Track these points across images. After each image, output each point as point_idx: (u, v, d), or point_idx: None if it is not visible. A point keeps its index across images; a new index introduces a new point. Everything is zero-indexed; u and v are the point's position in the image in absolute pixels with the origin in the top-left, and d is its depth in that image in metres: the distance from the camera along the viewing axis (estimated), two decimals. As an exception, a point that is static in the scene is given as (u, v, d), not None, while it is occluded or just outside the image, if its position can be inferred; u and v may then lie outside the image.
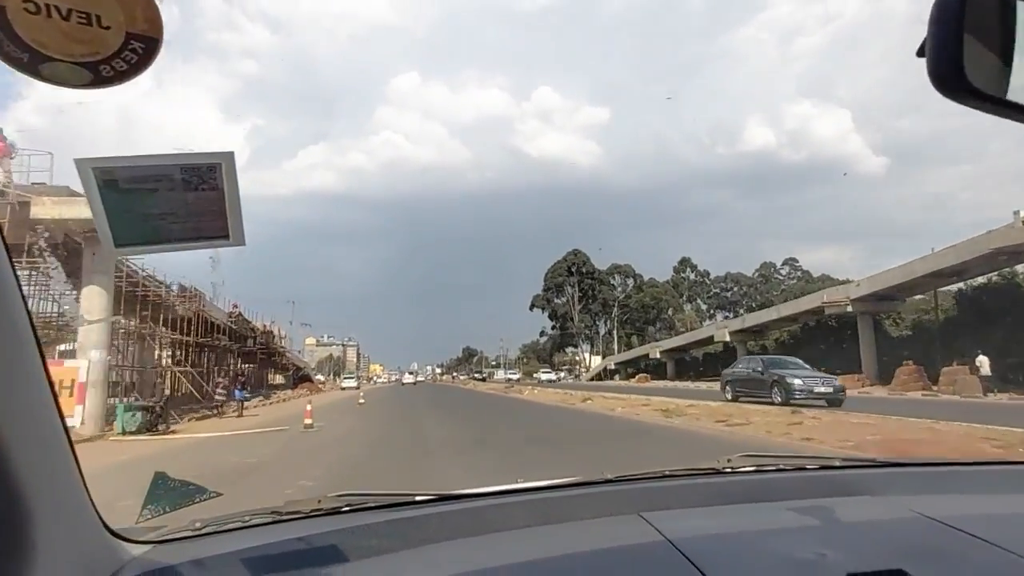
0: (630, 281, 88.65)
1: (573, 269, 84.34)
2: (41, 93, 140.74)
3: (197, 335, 23.83)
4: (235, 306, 33.70)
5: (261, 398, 30.25)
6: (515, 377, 67.56)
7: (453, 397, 31.00)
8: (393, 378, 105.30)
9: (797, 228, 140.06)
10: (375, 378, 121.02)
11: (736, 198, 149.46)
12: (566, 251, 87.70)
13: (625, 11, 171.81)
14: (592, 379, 66.27)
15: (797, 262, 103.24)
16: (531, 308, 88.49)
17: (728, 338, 42.48)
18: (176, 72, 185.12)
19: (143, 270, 19.19)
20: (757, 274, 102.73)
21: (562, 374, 64.86)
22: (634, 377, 52.93)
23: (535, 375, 66.20)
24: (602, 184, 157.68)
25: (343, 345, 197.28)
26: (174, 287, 22.60)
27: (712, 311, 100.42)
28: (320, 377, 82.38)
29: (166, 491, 1.29)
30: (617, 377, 61.74)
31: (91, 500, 0.82)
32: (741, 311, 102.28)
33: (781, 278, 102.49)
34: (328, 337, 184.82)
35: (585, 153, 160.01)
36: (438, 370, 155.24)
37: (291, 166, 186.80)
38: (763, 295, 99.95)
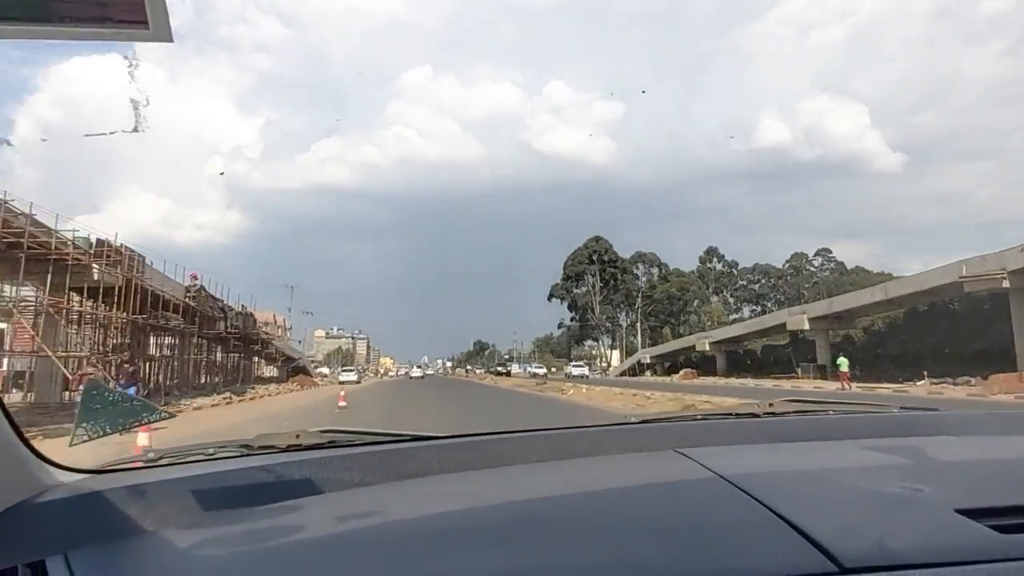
0: (655, 271, 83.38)
1: (595, 257, 79.16)
2: (55, 87, 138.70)
3: (132, 310, 18.34)
4: (194, 277, 27.66)
5: (225, 397, 23.80)
6: (541, 371, 60.67)
7: (472, 397, 25.85)
8: (402, 371, 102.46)
9: (812, 225, 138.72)
10: (387, 372, 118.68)
11: (750, 195, 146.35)
12: (570, 248, 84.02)
13: (638, 6, 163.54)
14: (623, 374, 60.48)
15: (830, 253, 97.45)
16: (549, 298, 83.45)
17: (807, 326, 35.87)
18: (189, 66, 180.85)
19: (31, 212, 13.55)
20: (788, 265, 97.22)
21: (584, 370, 59.31)
22: (675, 373, 47.33)
23: (565, 370, 60.69)
24: (615, 180, 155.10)
25: (352, 338, 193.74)
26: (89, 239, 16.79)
27: (739, 304, 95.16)
28: (324, 370, 77.71)
29: (103, 407, 1.02)
30: (650, 373, 56.26)
31: (13, 425, 0.75)
32: (770, 305, 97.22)
33: (813, 270, 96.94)
34: (338, 330, 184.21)
35: (598, 149, 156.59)
36: (448, 363, 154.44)
37: (303, 160, 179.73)
38: (794, 287, 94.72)
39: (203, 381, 30.20)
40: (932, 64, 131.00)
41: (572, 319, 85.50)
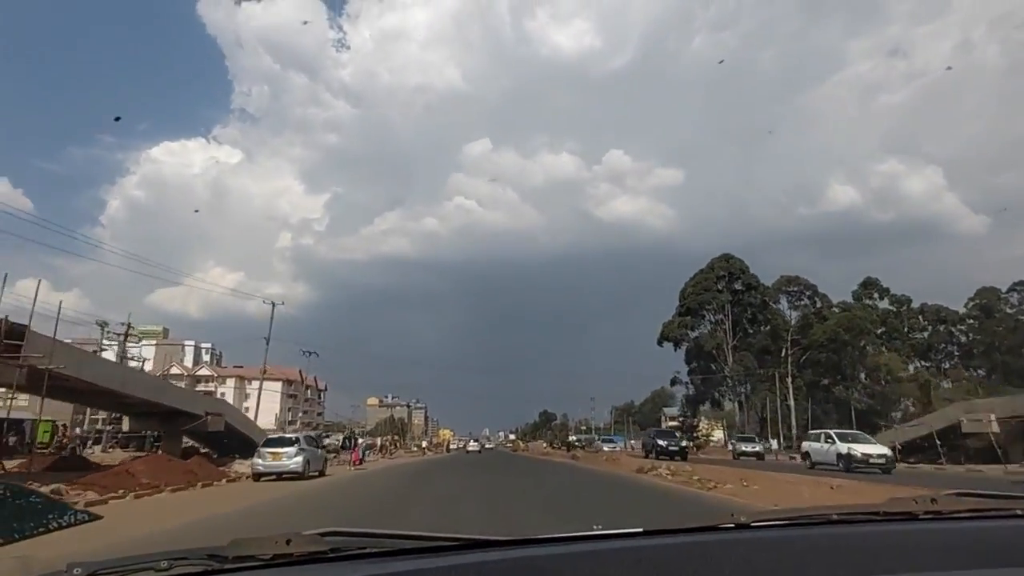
0: (804, 301, 60.52)
1: (724, 283, 57.95)
2: (145, 168, 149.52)
3: None
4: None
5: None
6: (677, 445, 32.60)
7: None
8: (461, 444, 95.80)
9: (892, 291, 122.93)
10: (446, 443, 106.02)
11: (821, 260, 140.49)
12: (638, 314, 65.70)
13: (695, 74, 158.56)
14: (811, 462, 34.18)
15: (1035, 281, 72.21)
16: (660, 342, 61.40)
17: None
18: (266, 146, 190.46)
19: None
20: (972, 305, 72.51)
21: (757, 446, 35.92)
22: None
23: (738, 447, 36.95)
24: (676, 247, 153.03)
25: (408, 406, 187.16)
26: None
27: (908, 356, 70.37)
28: (370, 440, 58.27)
29: (15, 510, 0.72)
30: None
31: None
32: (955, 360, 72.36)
33: (1012, 311, 71.34)
34: (392, 397, 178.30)
35: (658, 216, 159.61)
36: (512, 436, 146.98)
37: (368, 232, 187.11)
38: (985, 332, 69.68)
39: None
40: (1009, 122, 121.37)
41: (691, 371, 62.82)
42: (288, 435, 22.46)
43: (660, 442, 31.19)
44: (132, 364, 41.60)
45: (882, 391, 62.60)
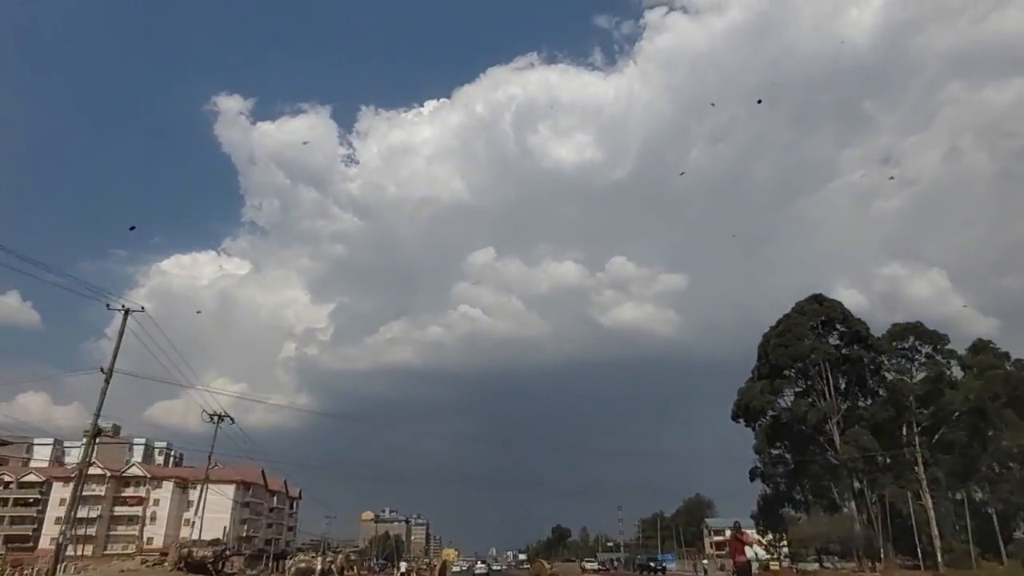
0: (921, 358, 44.34)
1: (821, 330, 42.68)
2: (154, 281, 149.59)
3: None
4: None
5: None
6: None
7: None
8: (460, 565, 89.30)
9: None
10: (439, 568, 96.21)
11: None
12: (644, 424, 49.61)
13: (694, 185, 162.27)
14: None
15: None
16: (735, 417, 44.96)
17: None
18: (274, 257, 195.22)
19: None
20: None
21: None
22: None
23: None
24: (682, 352, 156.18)
25: (407, 522, 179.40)
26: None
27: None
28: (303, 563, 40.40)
29: None
30: None
31: None
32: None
33: None
34: (390, 512, 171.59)
35: (663, 322, 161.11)
36: (521, 555, 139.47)
37: (372, 341, 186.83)
38: None
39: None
40: (1006, 225, 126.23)
41: (775, 462, 45.49)
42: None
43: None
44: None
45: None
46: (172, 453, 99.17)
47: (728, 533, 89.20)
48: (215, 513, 65.50)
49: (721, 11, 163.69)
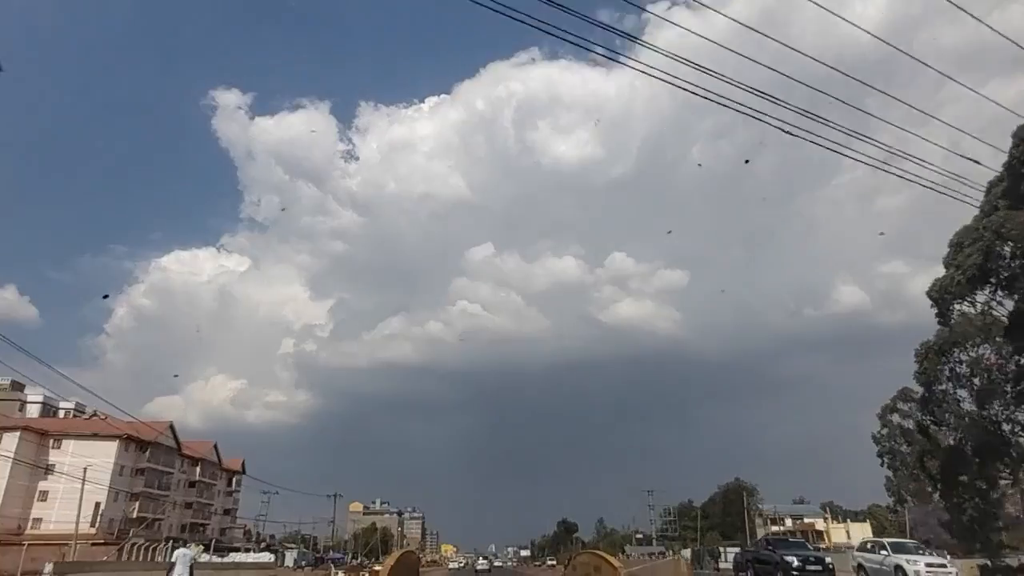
0: None
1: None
2: (153, 277, 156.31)
3: None
4: None
5: None
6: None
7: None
8: (456, 562, 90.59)
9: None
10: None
11: (833, 364, 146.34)
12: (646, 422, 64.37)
13: (695, 181, 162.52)
14: None
15: None
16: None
17: None
18: (272, 253, 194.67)
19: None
20: None
21: None
22: None
23: None
24: (682, 350, 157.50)
25: (399, 514, 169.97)
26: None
27: None
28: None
29: None
30: None
31: None
32: None
33: None
34: (380, 503, 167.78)
35: (663, 319, 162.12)
36: (525, 552, 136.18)
37: (370, 337, 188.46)
38: None
39: None
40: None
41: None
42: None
43: None
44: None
45: None
46: (85, 410, 79.43)
47: (789, 521, 67.08)
48: (93, 483, 45.95)
49: (725, 4, 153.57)
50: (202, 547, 24.75)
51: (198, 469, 68.69)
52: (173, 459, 62.85)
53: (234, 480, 78.95)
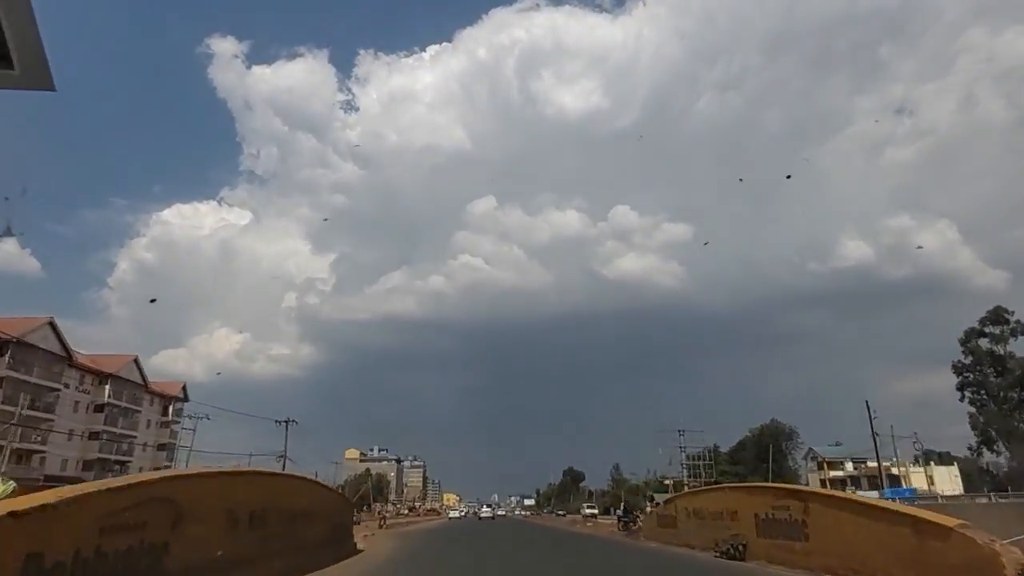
0: None
1: None
2: (154, 231, 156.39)
3: None
4: None
5: None
6: None
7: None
8: (454, 512, 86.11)
9: (905, 351, 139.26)
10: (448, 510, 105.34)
11: (836, 319, 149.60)
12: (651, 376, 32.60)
13: (701, 133, 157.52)
14: None
15: None
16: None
17: None
18: (273, 206, 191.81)
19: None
20: None
21: None
22: None
23: None
24: (686, 304, 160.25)
25: (399, 461, 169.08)
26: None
27: None
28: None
29: None
30: None
31: None
32: None
33: None
34: (379, 450, 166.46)
35: (667, 273, 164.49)
36: (529, 501, 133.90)
37: (372, 291, 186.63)
38: None
39: None
40: (1020, 176, 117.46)
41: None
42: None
43: None
44: None
45: None
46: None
47: (850, 465, 56.27)
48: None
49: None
50: (12, 484, 11.48)
51: (107, 389, 54.14)
52: (58, 373, 48.20)
53: (171, 409, 64.74)
